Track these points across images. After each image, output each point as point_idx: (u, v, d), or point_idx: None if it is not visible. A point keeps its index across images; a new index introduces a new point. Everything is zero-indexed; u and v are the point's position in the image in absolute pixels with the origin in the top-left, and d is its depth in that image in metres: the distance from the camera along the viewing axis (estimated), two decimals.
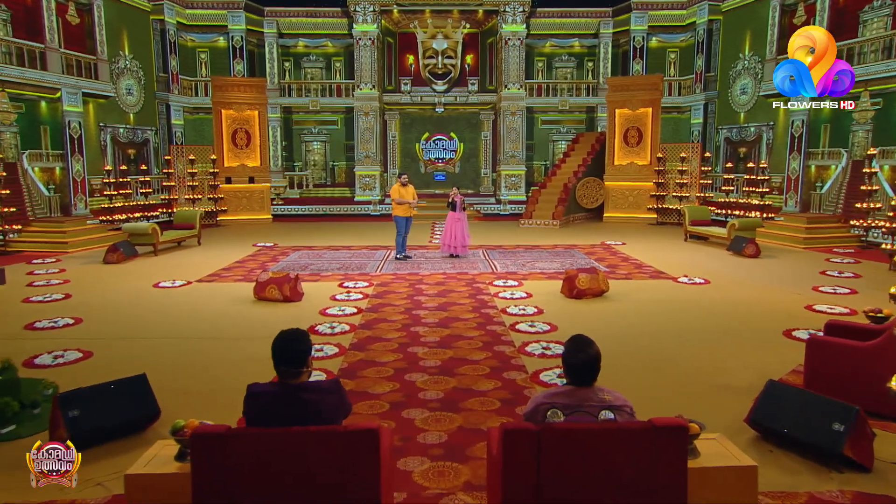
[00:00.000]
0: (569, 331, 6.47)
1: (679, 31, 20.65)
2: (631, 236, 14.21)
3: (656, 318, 7.18)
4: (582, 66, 21.91)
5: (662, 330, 6.68)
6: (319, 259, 11.35)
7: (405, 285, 9.03)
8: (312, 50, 21.58)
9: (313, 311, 7.53)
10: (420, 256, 11.59)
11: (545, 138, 22.28)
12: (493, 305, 7.80)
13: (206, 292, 8.66)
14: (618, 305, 7.85)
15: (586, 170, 17.84)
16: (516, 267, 10.49)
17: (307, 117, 21.67)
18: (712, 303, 7.94)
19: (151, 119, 18.52)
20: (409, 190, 10.92)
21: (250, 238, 14.09)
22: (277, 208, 18.86)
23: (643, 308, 7.70)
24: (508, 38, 20.19)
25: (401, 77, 21.80)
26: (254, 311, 7.57)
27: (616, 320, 7.12)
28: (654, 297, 8.27)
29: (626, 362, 5.46)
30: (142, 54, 17.98)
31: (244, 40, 20.13)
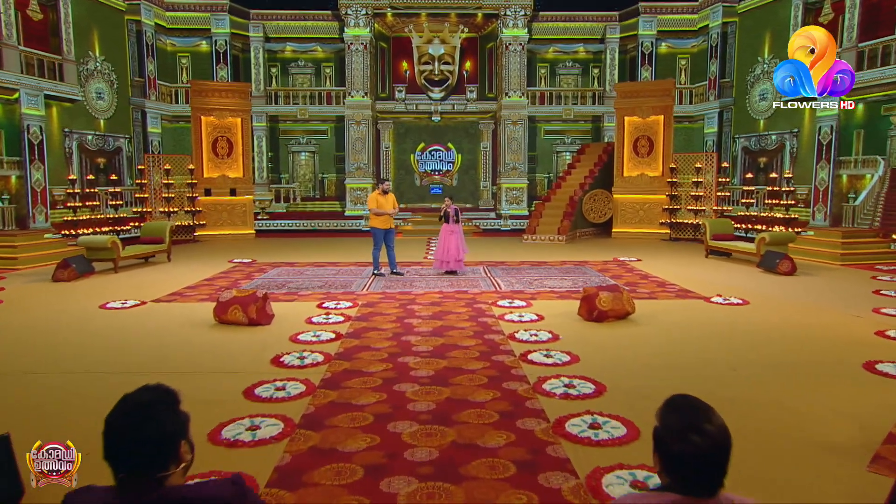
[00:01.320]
0: (594, 362, 5.33)
1: (690, 36, 20.06)
2: (645, 252, 13.42)
3: (698, 346, 6.03)
4: (587, 73, 21.37)
5: (709, 361, 5.52)
6: (300, 277, 10.35)
7: (394, 306, 7.91)
8: (301, 55, 21.01)
9: (282, 336, 6.36)
10: (413, 273, 10.61)
11: (548, 149, 21.65)
12: (498, 330, 6.65)
13: (160, 314, 7.49)
14: (648, 330, 6.69)
15: (593, 182, 17.09)
16: (522, 285, 9.44)
17: (295, 126, 21.00)
18: (759, 327, 6.79)
19: (125, 126, 17.63)
20: (389, 199, 9.97)
21: (228, 254, 13.20)
22: (261, 223, 18.04)
23: (678, 333, 6.56)
24: (509, 43, 19.63)
25: (395, 84, 21.21)
26: (210, 338, 6.39)
27: (649, 348, 5.96)
28: (687, 320, 7.14)
29: None
30: (115, 56, 17.09)
31: (228, 44, 19.46)
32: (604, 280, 9.92)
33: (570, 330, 6.67)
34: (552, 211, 16.40)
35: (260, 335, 6.48)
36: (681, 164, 16.28)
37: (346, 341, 6.22)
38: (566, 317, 7.28)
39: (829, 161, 14.17)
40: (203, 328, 6.78)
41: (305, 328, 6.74)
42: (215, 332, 6.64)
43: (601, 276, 10.35)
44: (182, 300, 8.40)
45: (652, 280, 9.96)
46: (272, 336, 6.43)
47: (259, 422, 4.09)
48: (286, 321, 7.06)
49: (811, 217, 14.58)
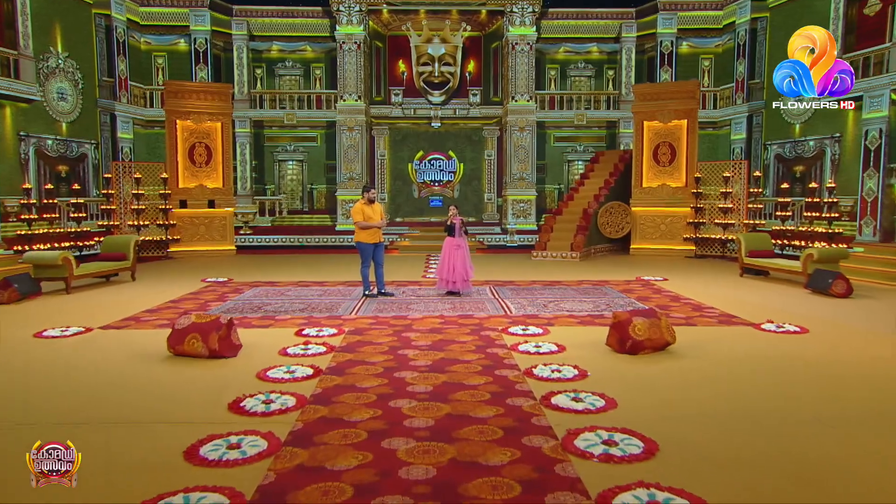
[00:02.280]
0: (635, 408, 4.46)
1: (714, 35, 19.63)
2: (670, 270, 12.81)
3: (762, 388, 5.16)
4: (601, 75, 21.00)
5: (781, 408, 4.65)
6: (280, 298, 9.58)
7: (387, 333, 7.07)
8: (288, 55, 20.64)
9: (248, 372, 5.49)
10: (410, 294, 9.85)
11: (559, 158, 21.21)
12: (511, 364, 5.79)
13: (105, 344, 6.63)
14: (695, 365, 5.82)
15: (609, 193, 16.58)
16: (536, 308, 8.67)
17: (282, 133, 20.63)
18: (831, 363, 5.93)
19: (91, 130, 16.93)
20: (376, 209, 9.28)
21: (202, 272, 12.53)
22: (243, 238, 17.58)
23: (733, 370, 5.70)
24: (516, 43, 19.29)
25: (391, 87, 20.86)
26: (159, 374, 5.52)
27: (702, 390, 5.09)
28: (740, 353, 6.29)
29: (752, 472, 3.44)
30: (80, 54, 16.43)
31: (209, 43, 19.01)
32: (630, 302, 9.16)
33: (600, 365, 5.80)
34: (564, 225, 15.92)
35: (221, 371, 5.61)
36: (706, 173, 15.68)
37: (326, 379, 5.34)
38: (592, 347, 6.43)
39: (878, 169, 13.38)
40: (153, 362, 5.90)
41: (278, 361, 5.88)
42: (167, 367, 5.77)
43: (626, 297, 9.62)
44: (137, 326, 7.54)
45: (685, 302, 9.17)
46: (236, 372, 5.56)
47: (199, 499, 3.19)
48: (256, 352, 6.22)
49: (858, 232, 13.78)
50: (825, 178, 15.16)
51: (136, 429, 4.23)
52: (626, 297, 9.64)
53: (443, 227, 9.94)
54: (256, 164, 20.29)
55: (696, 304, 9.04)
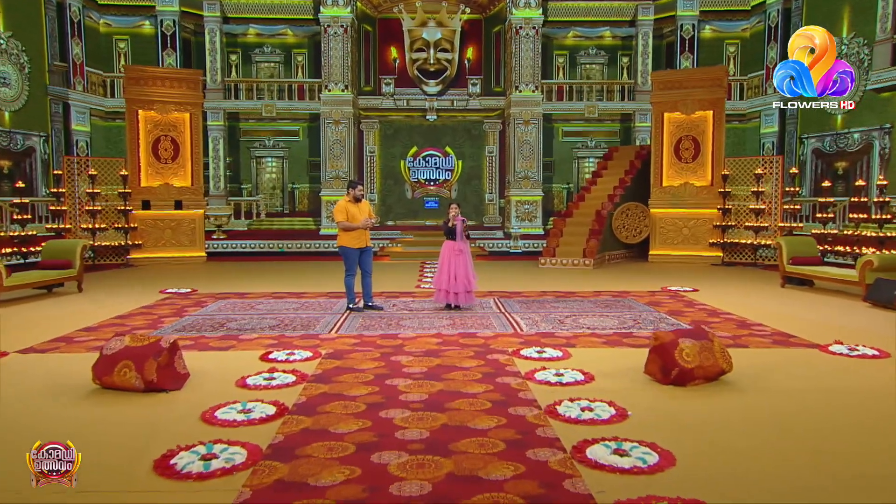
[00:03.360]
0: (701, 468, 3.52)
1: (741, 17, 19.40)
2: (698, 279, 12.20)
3: (858, 436, 4.26)
4: (614, 63, 20.80)
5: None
6: (248, 313, 8.75)
7: (373, 357, 6.20)
8: (267, 39, 20.38)
9: (191, 413, 4.56)
10: (402, 308, 9.07)
11: (568, 154, 20.95)
12: (527, 399, 4.91)
13: (17, 374, 5.71)
14: (762, 402, 4.94)
15: (625, 193, 16.20)
16: (551, 325, 7.87)
17: (259, 126, 20.30)
18: None
19: (40, 121, 16.38)
20: (362, 207, 8.66)
21: (164, 282, 11.80)
22: (216, 244, 17.24)
23: (811, 408, 4.84)
24: (520, 27, 19.01)
25: (382, 75, 20.48)
26: (74, 416, 4.61)
27: (782, 439, 4.22)
28: (816, 384, 5.44)
29: None
30: (27, 35, 15.86)
31: (177, 25, 18.69)
32: (660, 318, 8.35)
33: (641, 401, 4.89)
34: (575, 229, 15.51)
35: (156, 410, 4.68)
36: (735, 170, 15.16)
37: (292, 421, 4.42)
38: (627, 376, 5.54)
39: None
40: (70, 399, 4.97)
41: (233, 396, 4.96)
42: (87, 405, 4.83)
43: (654, 311, 8.83)
44: (66, 349, 6.62)
45: (726, 318, 8.34)
46: (175, 411, 4.64)
47: None
48: (207, 384, 5.31)
49: None
50: (873, 175, 14.56)
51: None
52: (654, 310, 8.86)
53: (440, 230, 9.29)
54: (231, 160, 19.90)
55: (740, 319, 8.21)
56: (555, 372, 5.64)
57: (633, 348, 6.56)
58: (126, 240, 14.77)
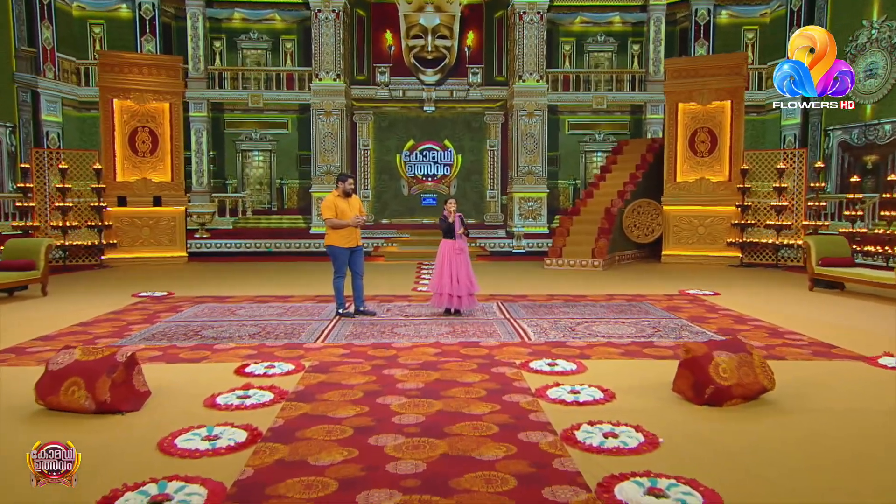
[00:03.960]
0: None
1: (760, 2, 19.24)
2: (717, 282, 11.85)
3: None
4: (625, 50, 20.65)
5: None
6: (227, 319, 8.35)
7: (363, 371, 5.76)
8: (253, 25, 20.18)
9: (147, 441, 4.09)
10: (397, 313, 8.71)
11: (574, 148, 20.89)
12: (541, 422, 4.47)
13: None
14: (813, 425, 4.49)
15: (636, 189, 16.01)
16: (561, 332, 7.47)
17: (245, 117, 20.18)
18: None
19: (6, 111, 16.17)
20: (352, 203, 8.35)
21: (139, 284, 11.44)
22: (199, 243, 17.14)
23: (871, 434, 4.31)
24: (524, 12, 18.99)
25: (376, 64, 20.26)
26: (4, 444, 4.07)
27: (845, 475, 3.75)
28: (866, 404, 5.01)
29: None
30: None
31: (156, 9, 18.61)
32: (682, 325, 7.92)
33: (672, 424, 4.41)
34: (582, 227, 15.32)
35: (106, 437, 4.18)
36: (755, 164, 14.84)
37: (265, 450, 3.93)
38: (652, 393, 5.09)
39: None
40: (9, 420, 4.49)
41: (199, 418, 4.48)
42: (26, 429, 4.33)
43: (675, 317, 8.41)
44: (14, 362, 6.14)
45: (755, 325, 7.90)
46: (129, 438, 4.15)
47: None
48: (171, 403, 4.83)
49: None
50: None
51: None
52: (674, 316, 8.45)
53: (438, 228, 8.92)
54: (215, 154, 19.70)
55: (770, 326, 7.77)
56: (570, 389, 5.18)
57: (655, 360, 6.15)
58: (100, 239, 14.39)
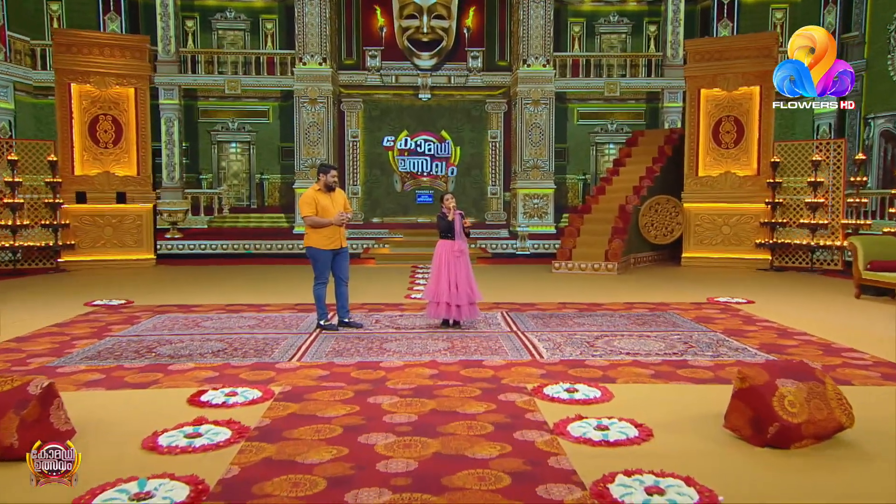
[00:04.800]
0: None
1: None
2: (748, 288, 11.47)
3: None
4: (640, 32, 20.66)
5: None
6: (190, 332, 7.78)
7: (344, 398, 5.12)
8: (230, 3, 20.33)
9: (60, 498, 3.35)
10: (387, 324, 8.25)
11: (584, 139, 20.92)
12: (565, 472, 3.78)
13: None
14: None
15: (653, 185, 15.83)
16: (578, 349, 6.88)
17: (221, 105, 20.14)
18: None
19: None
20: (336, 198, 7.91)
21: (96, 291, 10.96)
22: (170, 244, 17.12)
23: None
24: None
25: (366, 47, 20.16)
26: None
27: None
28: None
29: None
30: None
31: None
32: (719, 339, 7.28)
33: (730, 475, 3.78)
34: (594, 227, 15.09)
35: (4, 496, 3.47)
36: (787, 156, 14.46)
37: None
38: (697, 429, 4.47)
39: None
40: None
41: (134, 466, 3.83)
42: None
43: (708, 330, 7.81)
44: None
45: (802, 340, 7.27)
46: (33, 499, 3.41)
47: None
48: (100, 445, 4.18)
49: None
50: None
51: None
52: (707, 329, 7.86)
53: (434, 228, 8.46)
54: (188, 146, 19.52)
55: (822, 342, 7.14)
56: (596, 423, 4.53)
57: (692, 384, 5.54)
58: (56, 240, 13.91)
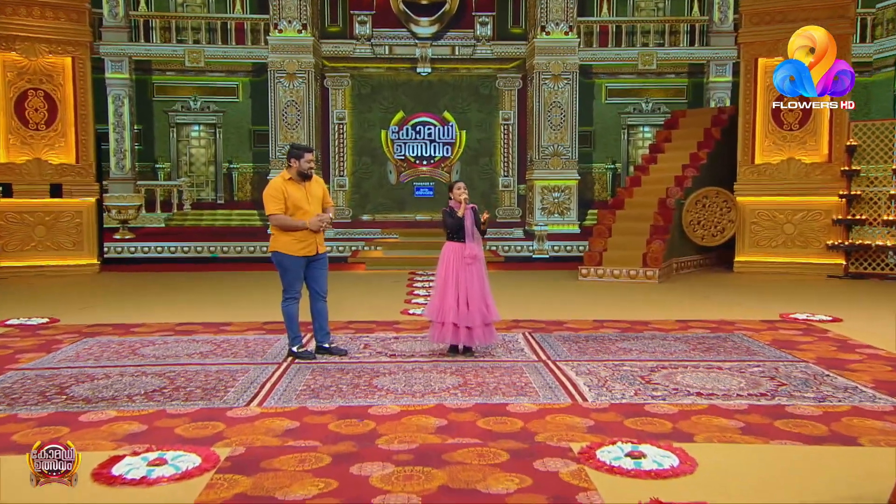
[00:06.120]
0: None
1: None
2: (825, 301, 11.10)
3: None
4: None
5: None
6: (122, 363, 6.99)
7: (316, 468, 4.26)
8: None
9: None
10: (379, 350, 7.55)
11: (614, 121, 20.46)
12: None
13: None
14: None
15: (699, 175, 15.53)
16: (631, 386, 6.08)
17: (181, 81, 19.81)
18: None
19: None
20: (312, 189, 7.27)
21: (16, 307, 10.55)
22: (119, 247, 17.15)
23: None
24: None
25: (354, 11, 19.93)
26: None
27: None
28: None
29: None
30: None
31: None
32: (815, 372, 6.46)
33: None
34: (628, 225, 15.00)
35: None
36: (866, 139, 14.24)
37: None
38: None
39: None
40: None
41: None
42: None
43: (793, 357, 7.15)
44: None
45: None
46: None
47: None
48: None
49: None
50: None
51: None
52: (792, 357, 7.15)
53: (438, 226, 8.15)
54: (141, 129, 19.34)
55: None
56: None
57: (803, 443, 4.61)
58: None
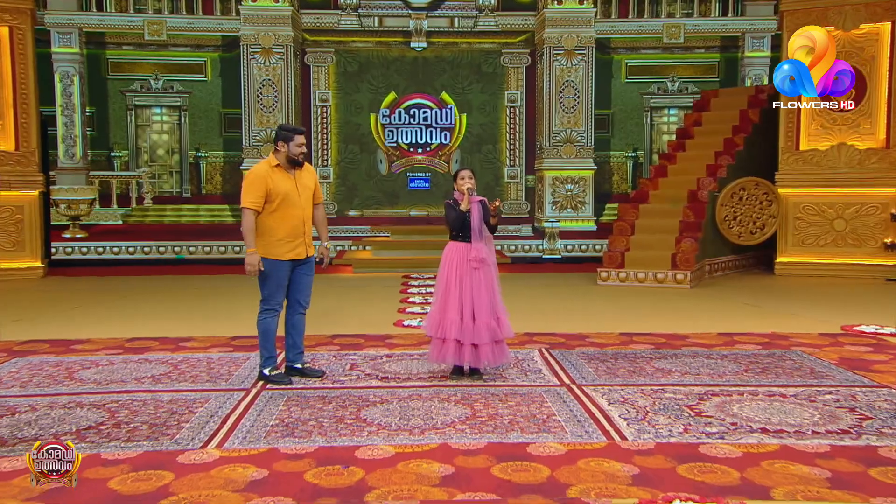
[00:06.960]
0: None
1: None
2: (890, 310, 10.78)
3: None
4: None
5: None
6: (54, 389, 6.75)
7: None
8: None
9: None
10: (368, 371, 7.24)
11: (635, 102, 20.33)
12: None
13: None
14: None
15: (735, 164, 15.56)
16: (678, 419, 5.71)
17: (140, 57, 19.59)
18: None
19: None
20: (303, 179, 7.07)
21: None
22: (70, 247, 17.30)
23: None
24: None
25: None
26: None
27: None
28: None
29: None
30: None
31: None
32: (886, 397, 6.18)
33: None
34: (654, 221, 15.08)
35: None
36: None
37: None
38: None
39: None
40: None
41: None
42: None
43: (868, 381, 6.87)
44: None
45: None
46: None
47: None
48: None
49: None
50: None
51: None
52: (867, 379, 6.86)
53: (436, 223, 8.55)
54: (94, 112, 19.05)
55: None
56: None
57: None
58: None
